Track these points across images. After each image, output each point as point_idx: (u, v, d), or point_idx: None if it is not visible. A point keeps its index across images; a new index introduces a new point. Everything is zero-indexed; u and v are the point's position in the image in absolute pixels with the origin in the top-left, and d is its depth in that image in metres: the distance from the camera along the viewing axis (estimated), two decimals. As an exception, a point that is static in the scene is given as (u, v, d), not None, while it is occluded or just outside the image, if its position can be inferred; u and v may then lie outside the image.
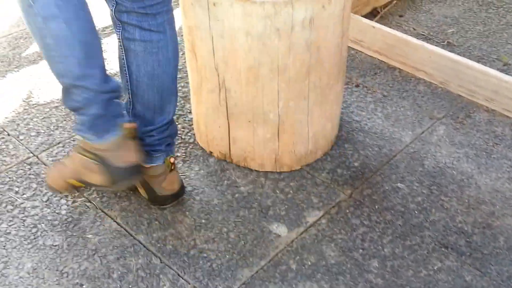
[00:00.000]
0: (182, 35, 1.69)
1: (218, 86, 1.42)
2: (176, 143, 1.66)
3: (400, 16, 2.34)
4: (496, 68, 2.03)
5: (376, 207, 1.51)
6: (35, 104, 1.83)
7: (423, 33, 2.22)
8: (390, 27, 2.22)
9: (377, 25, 2.04)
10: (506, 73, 2.00)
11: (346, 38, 1.48)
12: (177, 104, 1.79)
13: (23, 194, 1.50)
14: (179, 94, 1.86)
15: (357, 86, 1.95)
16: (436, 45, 2.14)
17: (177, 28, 1.30)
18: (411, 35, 2.19)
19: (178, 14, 1.38)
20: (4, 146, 1.66)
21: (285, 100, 1.42)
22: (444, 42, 2.17)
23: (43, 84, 1.91)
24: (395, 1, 2.41)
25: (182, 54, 1.80)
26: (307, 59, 1.37)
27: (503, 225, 1.47)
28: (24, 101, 1.84)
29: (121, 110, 1.29)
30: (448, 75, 1.90)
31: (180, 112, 1.78)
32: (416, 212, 1.50)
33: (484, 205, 1.52)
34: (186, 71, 1.64)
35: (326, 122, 1.57)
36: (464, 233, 1.45)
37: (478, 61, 2.06)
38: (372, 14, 2.33)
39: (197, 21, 1.34)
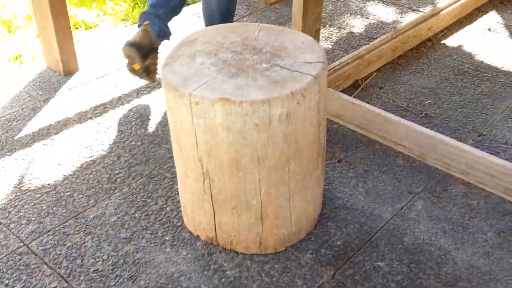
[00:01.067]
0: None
1: (202, 176, 1.50)
2: (165, 226, 1.72)
3: (380, 88, 2.45)
4: (471, 138, 2.13)
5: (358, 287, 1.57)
6: (27, 190, 1.89)
7: (402, 105, 2.33)
8: (370, 100, 2.34)
9: (357, 102, 2.14)
10: (481, 143, 2.10)
11: (323, 127, 1.57)
12: (166, 185, 1.87)
13: (13, 286, 1.55)
14: (168, 175, 1.93)
15: (339, 161, 2.03)
16: (414, 117, 2.24)
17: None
18: (390, 107, 2.30)
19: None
20: (-4, 235, 1.72)
21: (267, 187, 1.50)
22: (422, 113, 2.27)
23: (35, 168, 1.98)
24: (375, 73, 2.53)
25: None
26: (286, 150, 1.45)
27: (481, 303, 1.52)
28: (15, 186, 1.90)
29: None
30: (425, 149, 1.99)
31: (169, 194, 1.85)
32: (396, 291, 1.56)
33: (461, 282, 1.57)
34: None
35: (308, 205, 1.64)
36: (443, 311, 1.50)
37: (454, 132, 2.16)
38: (353, 87, 2.44)
39: (181, 117, 1.43)
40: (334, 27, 2.95)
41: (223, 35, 1.62)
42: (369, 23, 2.97)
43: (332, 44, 2.79)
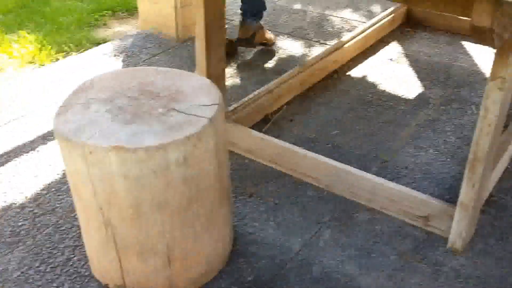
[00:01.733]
0: (74, 169, 1.76)
1: (104, 224, 1.49)
2: (72, 277, 1.69)
3: (291, 120, 2.53)
4: (375, 165, 2.24)
5: (269, 321, 1.59)
6: None
7: (311, 137, 2.41)
8: (281, 133, 2.41)
9: (266, 137, 2.20)
10: (385, 170, 2.21)
11: (225, 166, 1.61)
12: (74, 234, 1.84)
13: None
14: (76, 223, 1.90)
15: (250, 196, 2.08)
16: (323, 148, 2.33)
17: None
18: (300, 139, 2.38)
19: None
20: None
21: (171, 231, 1.51)
22: (329, 144, 2.37)
23: None
24: (285, 106, 2.61)
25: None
26: (186, 193, 1.47)
27: (384, 326, 1.58)
28: None
29: None
30: (331, 179, 2.07)
31: (76, 243, 1.82)
32: (306, 321, 1.60)
33: (367, 307, 1.64)
34: (79, 203, 1.70)
35: (216, 243, 1.66)
36: (350, 338, 1.55)
37: (360, 160, 2.26)
38: (265, 121, 2.51)
39: (77, 167, 1.42)
40: (245, 62, 3.03)
41: (120, 80, 1.64)
42: (280, 57, 3.08)
43: (243, 79, 2.86)
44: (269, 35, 3.16)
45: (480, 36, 1.30)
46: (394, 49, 3.18)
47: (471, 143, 1.67)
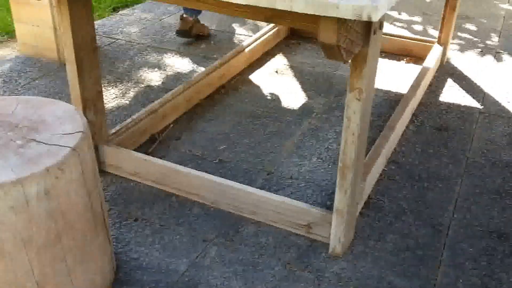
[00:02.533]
0: None
1: (-35, 268, 1.40)
2: None
3: (177, 139, 2.52)
4: (261, 178, 2.28)
5: None
6: None
7: (198, 154, 2.42)
8: (168, 153, 2.39)
9: (149, 158, 2.17)
10: (270, 181, 2.26)
11: (96, 195, 1.56)
12: None
13: None
14: None
15: (135, 220, 2.04)
16: (209, 164, 2.34)
17: None
18: (187, 158, 2.37)
19: None
20: None
21: (40, 268, 1.44)
22: (216, 160, 2.38)
23: None
24: (172, 125, 2.60)
25: None
26: (53, 226, 1.42)
27: (268, 338, 1.61)
28: None
29: None
30: (217, 195, 2.08)
31: None
32: None
33: (251, 322, 1.66)
34: None
35: (94, 275, 1.61)
36: None
37: (246, 174, 2.30)
38: (151, 141, 2.49)
39: None
40: (131, 82, 2.99)
41: (-22, 114, 1.55)
42: (167, 75, 3.07)
43: (130, 100, 2.82)
44: (205, 28, 3.58)
45: (330, 52, 1.36)
46: (279, 61, 3.27)
47: (339, 152, 1.75)
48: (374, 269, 1.86)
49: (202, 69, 3.08)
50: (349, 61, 1.50)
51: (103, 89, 2.90)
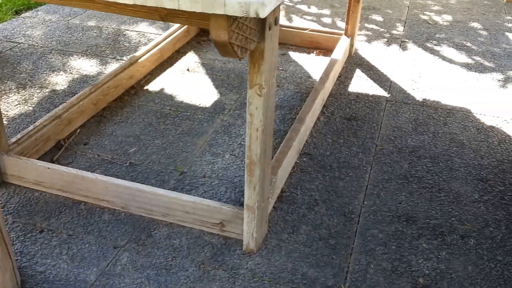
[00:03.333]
0: None
1: None
2: None
3: (85, 144, 2.43)
4: (174, 178, 2.24)
5: None
6: None
7: (107, 158, 2.34)
8: (75, 159, 2.30)
9: (52, 166, 2.08)
10: (183, 182, 2.23)
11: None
12: None
13: None
14: None
15: (41, 231, 1.95)
16: (119, 168, 2.28)
17: None
18: (96, 163, 2.30)
19: None
20: None
21: None
22: (126, 163, 2.32)
23: None
24: (79, 130, 2.50)
25: None
26: None
27: None
28: None
29: None
30: (126, 200, 2.02)
31: None
32: None
33: (165, 326, 1.63)
34: None
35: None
36: None
37: (158, 175, 2.25)
38: (57, 148, 2.38)
39: None
40: (35, 87, 2.85)
41: None
42: (73, 78, 2.95)
43: (33, 106, 2.69)
44: None
45: (223, 49, 1.35)
46: (191, 59, 3.24)
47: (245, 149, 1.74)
48: (288, 262, 1.88)
49: (111, 70, 2.99)
50: (245, 57, 1.50)
51: (4, 96, 2.75)
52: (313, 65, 3.29)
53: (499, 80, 3.16)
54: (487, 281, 1.82)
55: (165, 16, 1.52)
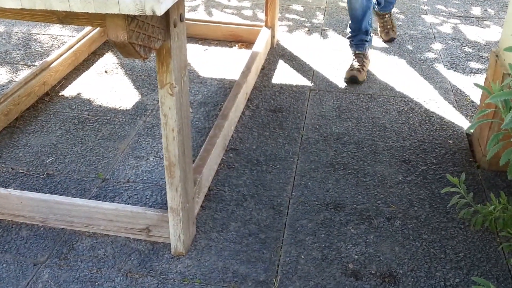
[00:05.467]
0: None
1: None
2: None
3: (-2, 157, 2.30)
4: (96, 186, 2.15)
5: None
6: None
7: (22, 171, 2.22)
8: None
9: (-40, 184, 1.95)
10: (105, 189, 2.14)
11: None
12: None
13: None
14: None
15: (-48, 255, 1.82)
16: (36, 180, 2.16)
17: None
18: (10, 177, 2.17)
19: None
20: None
21: None
22: (43, 174, 2.20)
23: None
24: (-10, 143, 2.36)
25: None
26: None
27: None
28: None
29: None
30: (44, 213, 1.92)
31: None
32: None
33: None
34: None
35: None
36: None
37: (79, 184, 2.15)
38: (-33, 164, 2.24)
39: None
40: None
41: None
42: (-18, 88, 2.78)
43: None
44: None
45: (124, 50, 1.29)
46: (108, 60, 3.12)
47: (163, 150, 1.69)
48: (218, 261, 1.84)
49: (21, 77, 2.84)
50: (150, 57, 1.44)
51: None
52: (236, 58, 3.26)
53: (417, 62, 3.25)
54: (414, 260, 1.86)
55: (64, 18, 1.44)
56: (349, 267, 1.84)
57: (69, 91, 2.79)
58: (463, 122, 2.65)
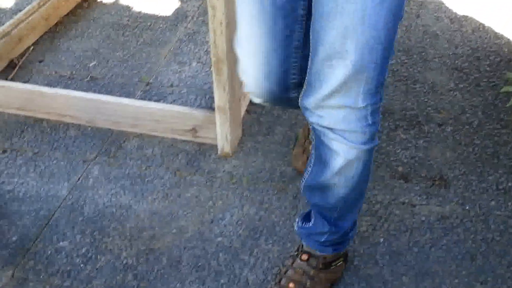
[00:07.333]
0: None
1: None
2: None
3: (40, 61, 2.27)
4: (140, 90, 2.13)
5: (42, 276, 1.45)
6: None
7: (65, 74, 2.20)
8: (31, 77, 2.16)
9: (7, 84, 1.95)
10: (150, 92, 2.12)
11: None
12: None
13: None
14: None
15: (4, 151, 1.84)
16: (80, 84, 2.15)
17: None
18: (54, 80, 2.16)
19: None
20: None
21: None
22: (87, 78, 2.19)
23: None
24: (32, 47, 2.33)
25: None
26: None
27: (164, 245, 1.54)
28: None
29: None
30: (91, 113, 1.92)
31: None
32: (82, 265, 1.49)
33: (144, 232, 1.58)
34: None
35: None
36: (130, 267, 1.48)
37: (122, 88, 2.14)
38: (10, 67, 2.22)
39: None
40: (-21, 7, 2.64)
41: None
42: (20, -6, 2.74)
43: (-20, 26, 2.49)
44: None
45: None
46: (146, -32, 3.03)
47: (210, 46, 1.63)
48: (265, 162, 1.83)
49: (61, -16, 2.77)
50: None
51: None
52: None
53: (467, -29, 3.07)
54: (465, 165, 1.82)
55: None
56: (399, 170, 1.81)
57: (107, -2, 2.73)
58: (518, 31, 2.52)
